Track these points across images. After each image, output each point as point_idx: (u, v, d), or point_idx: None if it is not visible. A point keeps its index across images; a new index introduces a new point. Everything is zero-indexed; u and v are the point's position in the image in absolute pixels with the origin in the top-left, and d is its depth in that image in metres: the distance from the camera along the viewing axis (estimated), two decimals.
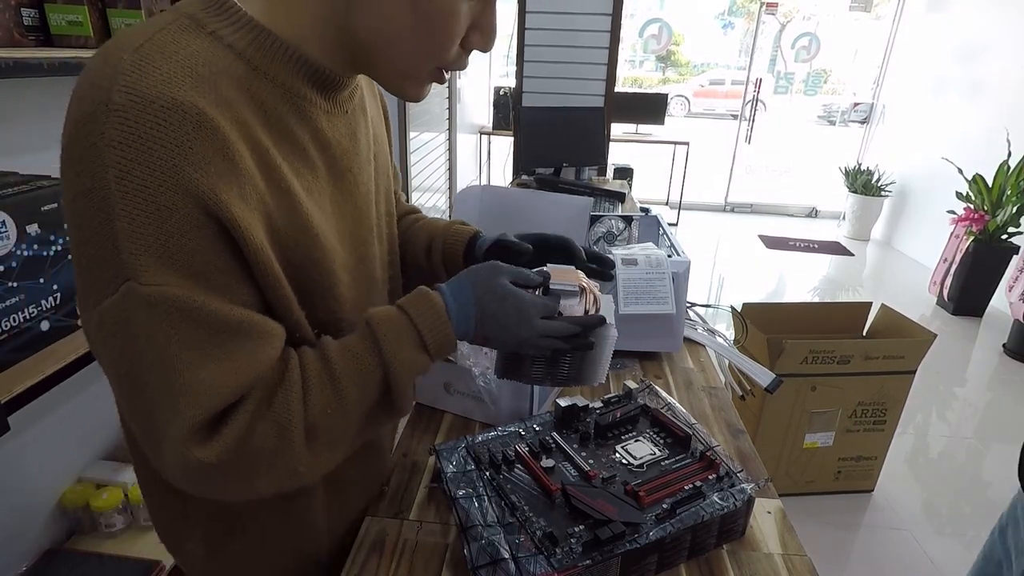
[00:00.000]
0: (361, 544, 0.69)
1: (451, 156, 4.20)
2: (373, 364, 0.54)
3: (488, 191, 1.38)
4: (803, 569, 0.67)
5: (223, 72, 0.47)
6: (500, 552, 0.60)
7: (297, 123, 0.53)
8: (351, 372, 0.53)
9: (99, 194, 0.42)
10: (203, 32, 0.47)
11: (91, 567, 1.31)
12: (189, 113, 0.43)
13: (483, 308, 0.59)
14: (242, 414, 0.47)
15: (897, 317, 2.07)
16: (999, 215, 3.52)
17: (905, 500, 2.12)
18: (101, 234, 0.42)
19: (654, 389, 0.86)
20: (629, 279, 1.05)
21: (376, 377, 0.54)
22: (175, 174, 0.42)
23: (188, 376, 0.44)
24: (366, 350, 0.54)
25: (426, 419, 0.94)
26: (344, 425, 0.53)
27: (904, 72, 5.25)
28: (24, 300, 0.93)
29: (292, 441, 0.49)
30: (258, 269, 0.49)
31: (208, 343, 0.45)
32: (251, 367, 0.48)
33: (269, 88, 0.51)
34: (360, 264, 0.64)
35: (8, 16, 1.01)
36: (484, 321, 0.59)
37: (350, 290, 0.61)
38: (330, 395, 0.51)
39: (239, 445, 0.47)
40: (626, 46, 9.18)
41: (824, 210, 5.97)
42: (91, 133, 0.41)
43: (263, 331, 0.49)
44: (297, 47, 0.52)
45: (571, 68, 2.92)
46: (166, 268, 0.43)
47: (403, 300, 0.59)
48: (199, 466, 0.46)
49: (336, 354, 0.53)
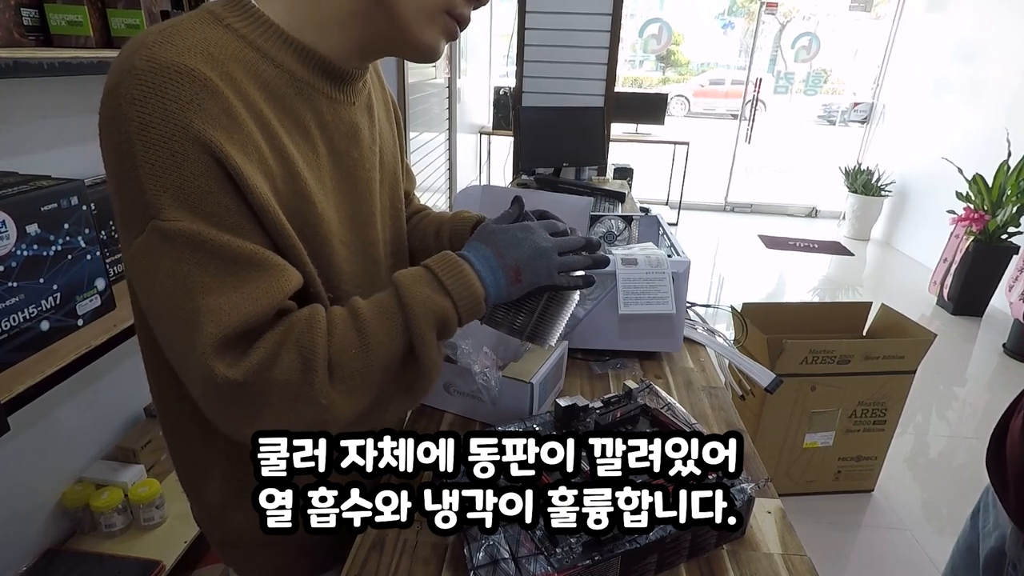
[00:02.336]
0: (361, 544, 0.69)
1: (451, 156, 4.21)
2: (394, 307, 0.56)
3: (488, 191, 1.38)
4: (803, 569, 0.67)
5: (233, 56, 0.53)
6: (500, 552, 0.60)
7: (301, 104, 0.58)
8: (374, 315, 0.56)
9: (124, 146, 0.48)
10: (220, 24, 0.54)
11: (91, 567, 1.31)
12: (198, 78, 0.49)
13: (497, 244, 0.63)
14: (268, 340, 0.51)
15: (897, 317, 2.07)
16: (999, 215, 3.52)
17: (905, 500, 2.12)
18: (129, 181, 0.49)
19: (654, 389, 0.86)
20: (629, 279, 1.05)
21: (398, 320, 0.56)
22: (186, 126, 0.48)
23: (208, 299, 0.49)
24: (388, 296, 0.58)
25: (426, 419, 0.94)
26: (368, 369, 0.55)
27: (904, 72, 5.25)
28: (24, 300, 0.93)
29: (315, 373, 0.51)
30: (266, 218, 0.53)
31: (224, 271, 0.50)
32: (267, 295, 0.52)
33: (275, 72, 0.56)
34: (360, 243, 0.67)
35: (8, 16, 1.01)
36: (504, 254, 0.63)
37: (348, 263, 0.65)
38: (353, 336, 0.54)
39: (264, 369, 0.50)
40: (626, 46, 9.19)
41: (824, 210, 5.97)
42: (118, 96, 0.48)
43: (275, 264, 0.53)
44: (305, 40, 0.58)
45: (571, 68, 2.92)
46: (182, 207, 0.49)
47: None
48: (225, 383, 0.49)
49: (361, 303, 0.57)
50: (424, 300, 0.57)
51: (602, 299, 1.06)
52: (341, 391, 0.53)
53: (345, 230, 0.65)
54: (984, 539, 0.87)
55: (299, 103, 0.58)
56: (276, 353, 0.51)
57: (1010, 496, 0.79)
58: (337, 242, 0.63)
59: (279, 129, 0.56)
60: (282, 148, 0.56)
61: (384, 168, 0.73)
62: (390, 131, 0.77)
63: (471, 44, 4.65)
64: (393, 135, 0.79)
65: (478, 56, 5.13)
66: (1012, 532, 0.79)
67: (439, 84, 3.73)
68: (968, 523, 0.94)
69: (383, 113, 0.76)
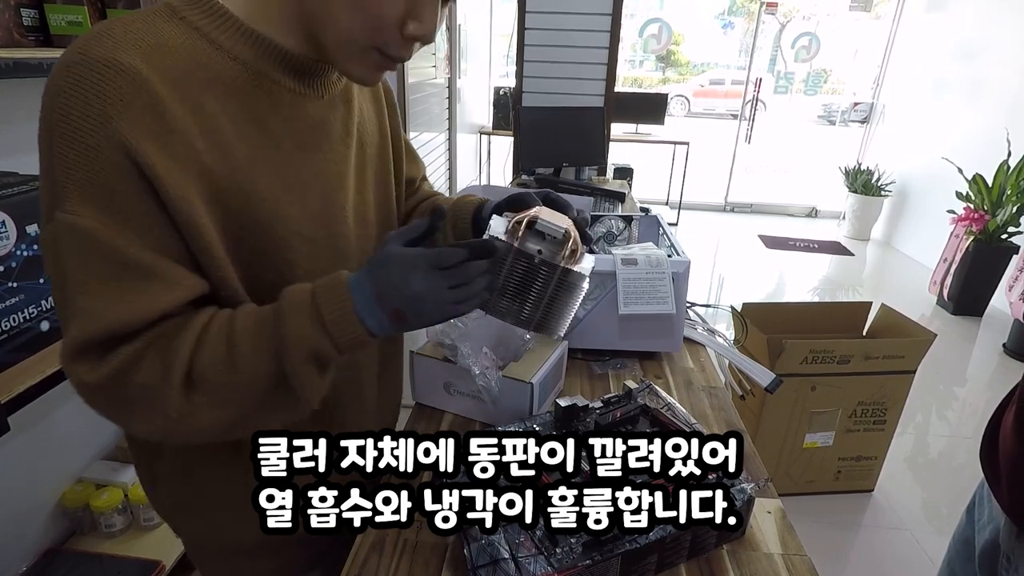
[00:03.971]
0: (361, 544, 0.69)
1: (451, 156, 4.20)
2: (269, 332, 0.54)
3: (488, 191, 1.38)
4: (803, 569, 0.67)
5: (182, 48, 0.52)
6: (500, 552, 0.60)
7: (259, 98, 0.57)
8: (249, 333, 0.54)
9: (46, 135, 0.49)
10: (175, 17, 0.53)
11: (91, 567, 1.31)
12: (127, 72, 0.48)
13: (378, 283, 0.55)
14: (131, 348, 0.51)
15: (897, 317, 2.07)
16: (999, 215, 3.52)
17: (905, 500, 2.12)
18: (47, 169, 0.50)
19: (654, 389, 0.86)
20: (629, 279, 1.05)
21: (271, 346, 0.53)
22: (105, 121, 0.48)
23: (83, 301, 0.49)
24: (268, 317, 0.55)
25: (426, 419, 0.94)
26: (233, 385, 0.53)
27: (904, 72, 5.25)
28: (24, 300, 0.93)
29: (170, 384, 0.51)
30: (179, 219, 0.52)
31: (108, 274, 0.50)
32: (147, 307, 0.51)
33: (231, 65, 0.55)
34: (329, 238, 0.65)
35: (8, 16, 1.00)
36: (383, 295, 0.55)
37: (311, 260, 0.63)
38: (223, 351, 0.53)
39: (120, 375, 0.50)
40: (626, 46, 9.18)
41: (824, 210, 5.97)
42: (48, 86, 0.49)
43: (165, 276, 0.52)
44: (265, 33, 0.56)
45: (571, 68, 2.91)
46: (87, 202, 0.48)
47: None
48: (81, 385, 0.51)
49: (243, 315, 0.55)
50: (300, 335, 0.53)
51: (602, 299, 1.06)
52: (201, 403, 0.52)
53: (313, 226, 0.63)
54: (979, 532, 0.87)
55: (257, 97, 0.57)
56: (137, 360, 0.51)
57: (1003, 489, 0.79)
58: (299, 240, 0.61)
59: (227, 125, 0.54)
60: (226, 145, 0.54)
61: (365, 160, 0.71)
62: (377, 122, 0.75)
63: (471, 44, 4.65)
64: (383, 126, 0.77)
65: (478, 56, 5.13)
66: (1006, 524, 0.79)
67: (439, 84, 3.73)
68: (964, 517, 0.94)
69: (370, 104, 0.74)
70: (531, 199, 0.70)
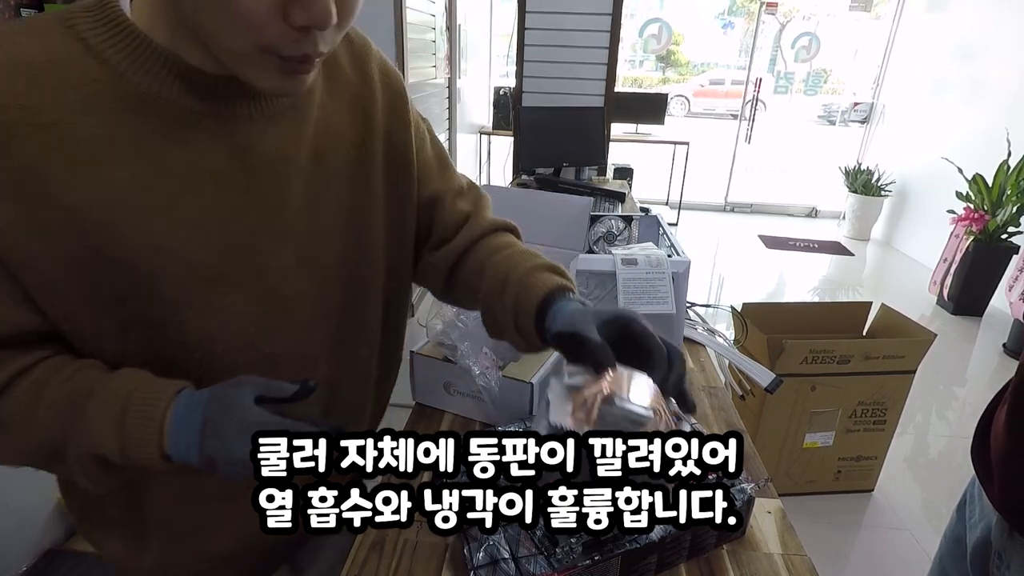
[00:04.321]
0: (361, 544, 0.69)
1: (451, 156, 4.20)
2: (66, 420, 0.51)
3: (488, 191, 1.38)
4: (803, 569, 0.67)
5: (59, 67, 0.48)
6: (500, 552, 0.60)
7: (155, 125, 0.51)
8: (58, 400, 0.51)
9: None
10: (71, 31, 0.49)
11: (91, 567, 1.31)
12: None
13: (209, 420, 0.52)
14: None
15: (897, 317, 2.07)
16: (999, 215, 3.52)
17: (905, 500, 2.12)
18: None
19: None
20: (629, 279, 1.05)
21: (63, 430, 0.51)
22: None
23: None
24: (81, 394, 0.52)
25: (426, 419, 0.94)
26: (23, 439, 0.52)
27: (904, 72, 5.25)
28: None
29: None
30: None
31: None
32: None
33: (120, 87, 0.50)
34: (249, 275, 0.59)
35: (8, 16, 1.01)
36: (206, 437, 0.52)
37: (214, 300, 0.57)
38: (27, 404, 0.51)
39: None
40: (626, 46, 9.18)
41: (824, 210, 5.97)
42: None
43: None
44: (171, 48, 0.50)
45: (571, 68, 2.92)
46: None
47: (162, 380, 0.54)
48: None
49: (61, 381, 0.52)
50: (92, 438, 0.51)
51: (602, 299, 1.06)
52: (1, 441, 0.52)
53: (220, 263, 0.56)
54: (970, 530, 0.87)
55: (151, 124, 0.51)
56: None
57: (994, 486, 0.79)
58: (195, 278, 0.55)
59: (101, 154, 0.49)
60: (98, 176, 0.49)
61: (329, 179, 0.63)
62: (360, 133, 0.66)
63: (471, 44, 4.65)
64: (370, 136, 0.67)
65: (478, 56, 5.13)
66: (997, 522, 0.79)
67: (439, 84, 3.73)
68: (955, 515, 0.95)
69: (346, 115, 0.65)
70: (603, 354, 0.59)
